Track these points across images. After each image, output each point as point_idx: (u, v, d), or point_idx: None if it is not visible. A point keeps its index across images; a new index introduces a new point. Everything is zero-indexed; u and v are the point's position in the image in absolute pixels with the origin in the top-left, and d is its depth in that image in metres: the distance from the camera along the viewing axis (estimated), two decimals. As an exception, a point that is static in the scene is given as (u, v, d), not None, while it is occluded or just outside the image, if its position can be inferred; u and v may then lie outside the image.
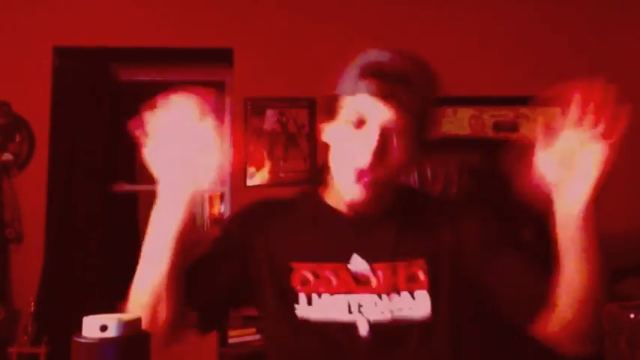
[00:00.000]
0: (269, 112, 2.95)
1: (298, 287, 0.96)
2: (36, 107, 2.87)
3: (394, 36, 2.98)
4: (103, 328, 0.59)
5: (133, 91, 3.48)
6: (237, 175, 2.94)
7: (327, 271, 0.95)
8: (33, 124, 2.87)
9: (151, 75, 3.20)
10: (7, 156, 2.85)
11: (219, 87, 3.19)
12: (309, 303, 0.94)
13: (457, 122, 2.95)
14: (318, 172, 1.26)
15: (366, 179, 0.90)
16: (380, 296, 0.93)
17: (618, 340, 0.53)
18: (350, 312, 0.93)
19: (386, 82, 0.88)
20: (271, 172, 2.92)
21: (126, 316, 0.62)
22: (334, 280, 0.94)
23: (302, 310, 0.95)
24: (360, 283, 0.94)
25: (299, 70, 2.97)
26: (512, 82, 2.98)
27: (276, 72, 2.97)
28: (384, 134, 0.88)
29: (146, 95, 0.89)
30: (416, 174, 1.29)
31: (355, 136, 0.90)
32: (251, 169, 2.92)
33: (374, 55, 0.93)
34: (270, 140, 2.94)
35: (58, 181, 2.81)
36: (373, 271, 0.94)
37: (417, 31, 3.00)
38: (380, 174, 0.90)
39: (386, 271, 0.94)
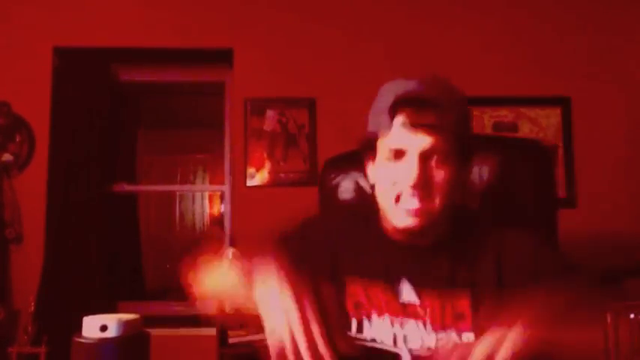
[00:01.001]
0: (269, 113, 2.95)
1: (352, 312, 0.97)
2: (36, 107, 2.87)
3: (394, 37, 2.98)
4: (103, 328, 0.59)
5: (133, 91, 3.49)
6: (237, 175, 2.94)
7: (379, 292, 0.96)
8: (33, 124, 2.87)
9: (151, 75, 3.21)
10: (7, 156, 2.85)
11: (219, 87, 3.19)
12: (360, 330, 0.96)
13: (457, 122, 2.95)
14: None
15: (414, 208, 0.90)
16: (427, 332, 0.93)
17: (618, 340, 0.53)
18: (395, 343, 0.94)
19: (418, 112, 0.90)
20: (271, 172, 2.92)
21: (126, 316, 0.62)
22: (384, 303, 0.95)
23: (353, 330, 0.97)
24: (407, 311, 0.95)
25: (299, 70, 2.97)
26: (512, 82, 2.98)
27: (276, 72, 2.97)
28: (424, 161, 0.90)
29: (146, 95, 0.88)
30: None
31: (396, 168, 0.92)
32: (251, 170, 2.92)
33: (402, 86, 0.93)
34: (270, 140, 2.94)
35: (58, 181, 2.81)
36: (420, 297, 0.95)
37: (417, 32, 3.00)
38: (430, 202, 0.90)
39: (434, 301, 0.94)
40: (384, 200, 0.95)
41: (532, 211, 1.22)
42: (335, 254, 1.01)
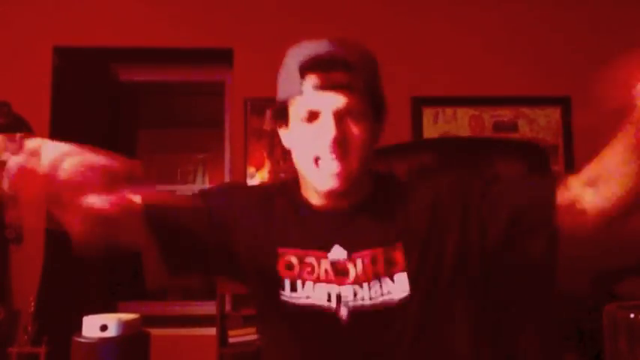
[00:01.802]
0: (269, 113, 2.95)
1: (283, 272, 0.98)
2: (36, 107, 2.86)
3: (394, 37, 2.98)
4: (103, 328, 0.59)
5: (133, 90, 3.49)
6: (237, 174, 2.94)
7: (311, 259, 0.97)
8: (33, 124, 2.87)
9: (151, 75, 3.21)
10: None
11: (219, 87, 3.20)
12: (293, 289, 0.97)
13: (457, 122, 2.95)
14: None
15: (335, 169, 0.90)
16: (361, 285, 0.94)
17: (618, 340, 0.53)
18: (329, 300, 0.95)
19: (329, 72, 0.89)
20: (271, 172, 2.92)
21: (126, 316, 0.62)
22: (316, 269, 0.96)
23: (286, 295, 0.97)
24: (339, 274, 0.95)
25: (299, 70, 2.96)
26: (512, 82, 2.98)
27: (276, 72, 2.95)
28: (339, 120, 0.89)
29: (146, 95, 0.89)
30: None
31: (311, 129, 0.91)
32: (251, 169, 2.92)
33: (309, 48, 0.94)
34: (270, 140, 2.94)
35: (58, 181, 2.81)
36: (353, 261, 0.95)
37: (417, 32, 3.00)
38: (349, 161, 0.90)
39: (365, 259, 0.95)
40: (303, 164, 0.95)
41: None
42: (262, 224, 1.01)
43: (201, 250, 1.01)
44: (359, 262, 0.95)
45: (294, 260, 0.97)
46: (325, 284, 0.95)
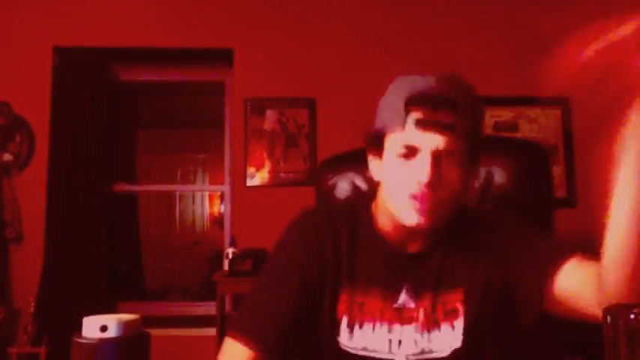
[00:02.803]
0: (269, 112, 2.95)
1: (342, 315, 0.94)
2: (36, 107, 2.87)
3: (394, 36, 2.98)
4: (103, 328, 0.59)
5: (133, 90, 3.49)
6: (237, 175, 2.94)
7: (374, 301, 0.94)
8: (33, 124, 2.87)
9: (151, 75, 3.21)
10: (7, 156, 2.85)
11: (219, 87, 3.20)
12: (351, 333, 0.94)
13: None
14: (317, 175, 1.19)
15: (424, 206, 0.88)
16: (422, 334, 0.92)
17: (618, 340, 0.53)
18: (390, 350, 0.92)
19: (434, 110, 0.86)
20: (271, 172, 2.92)
21: (126, 316, 0.62)
22: (378, 312, 0.94)
23: (343, 339, 0.94)
24: (403, 319, 0.93)
25: (299, 70, 2.97)
26: (512, 82, 2.98)
27: (276, 72, 2.97)
28: (437, 160, 0.86)
29: (146, 95, 0.88)
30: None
31: (407, 166, 0.88)
32: (251, 169, 2.92)
33: (416, 83, 0.90)
34: (270, 140, 2.94)
35: (58, 181, 2.81)
36: (418, 306, 0.93)
37: (417, 31, 3.00)
38: (440, 201, 0.88)
39: (427, 302, 0.93)
40: (393, 197, 0.91)
41: (529, 212, 1.22)
42: (327, 255, 0.97)
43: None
44: (422, 310, 0.93)
45: (355, 303, 0.94)
46: (387, 326, 0.93)
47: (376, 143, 0.94)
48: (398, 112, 0.88)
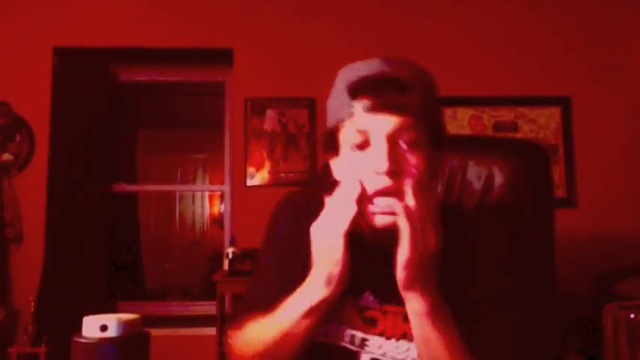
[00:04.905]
0: (269, 113, 2.95)
1: None
2: (36, 107, 2.87)
3: (393, 36, 2.98)
4: (103, 328, 0.59)
5: (133, 91, 3.49)
6: (237, 175, 2.94)
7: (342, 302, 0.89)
8: (33, 124, 2.87)
9: (151, 75, 3.21)
10: (7, 156, 2.85)
11: (219, 87, 3.20)
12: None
13: (457, 122, 2.95)
14: (321, 177, 1.14)
15: (391, 204, 0.79)
16: (388, 339, 0.88)
17: (618, 340, 0.53)
18: (353, 343, 0.89)
19: (381, 92, 0.80)
20: (271, 172, 2.92)
21: (126, 316, 0.62)
22: (341, 313, 0.89)
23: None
24: (367, 322, 0.89)
25: (299, 70, 2.97)
26: (512, 82, 2.98)
27: (276, 72, 2.97)
28: (393, 145, 0.80)
29: (146, 95, 0.87)
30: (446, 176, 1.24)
31: (363, 157, 0.81)
32: (251, 169, 2.92)
33: (359, 69, 0.84)
34: (270, 140, 2.94)
35: (58, 181, 2.81)
36: (383, 313, 0.89)
37: (416, 31, 3.00)
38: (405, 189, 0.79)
39: (397, 316, 0.88)
40: (352, 197, 0.81)
41: (530, 212, 1.22)
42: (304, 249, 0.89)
43: None
44: (390, 317, 0.89)
45: None
46: (350, 330, 0.90)
47: (331, 142, 0.87)
48: (345, 102, 0.83)
